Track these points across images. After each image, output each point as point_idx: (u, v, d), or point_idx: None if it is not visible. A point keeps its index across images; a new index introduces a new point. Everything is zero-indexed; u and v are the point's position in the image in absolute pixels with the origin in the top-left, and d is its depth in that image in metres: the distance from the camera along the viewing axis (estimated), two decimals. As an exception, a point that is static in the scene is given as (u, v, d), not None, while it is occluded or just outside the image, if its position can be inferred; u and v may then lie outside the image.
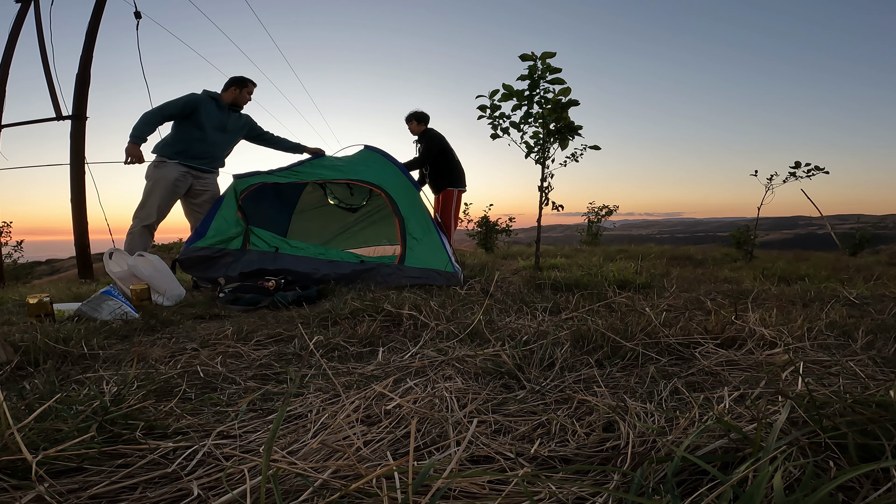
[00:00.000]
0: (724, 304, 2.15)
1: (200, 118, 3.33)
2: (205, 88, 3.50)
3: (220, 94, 3.50)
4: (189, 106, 3.31)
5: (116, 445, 0.84)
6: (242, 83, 3.52)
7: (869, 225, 7.33)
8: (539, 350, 1.36)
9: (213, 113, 3.40)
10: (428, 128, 4.63)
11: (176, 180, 3.33)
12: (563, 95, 3.29)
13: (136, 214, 3.35)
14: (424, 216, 3.22)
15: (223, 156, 3.65)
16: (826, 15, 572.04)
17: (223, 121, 3.48)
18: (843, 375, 1.17)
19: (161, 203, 3.32)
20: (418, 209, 3.23)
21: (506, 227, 8.65)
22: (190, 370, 1.38)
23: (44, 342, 1.52)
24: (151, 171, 3.35)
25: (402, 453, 0.84)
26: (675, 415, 0.94)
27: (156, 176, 3.31)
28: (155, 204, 3.30)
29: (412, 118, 4.66)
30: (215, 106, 3.43)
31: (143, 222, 3.31)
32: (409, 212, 3.18)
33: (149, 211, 3.31)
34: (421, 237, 3.11)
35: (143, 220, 3.31)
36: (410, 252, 3.07)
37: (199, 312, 2.34)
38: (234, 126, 3.59)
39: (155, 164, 3.34)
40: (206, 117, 3.35)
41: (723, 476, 0.63)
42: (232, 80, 3.53)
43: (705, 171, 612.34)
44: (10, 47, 6.45)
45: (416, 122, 4.63)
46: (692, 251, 6.24)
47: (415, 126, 4.65)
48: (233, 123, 3.57)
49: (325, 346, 1.57)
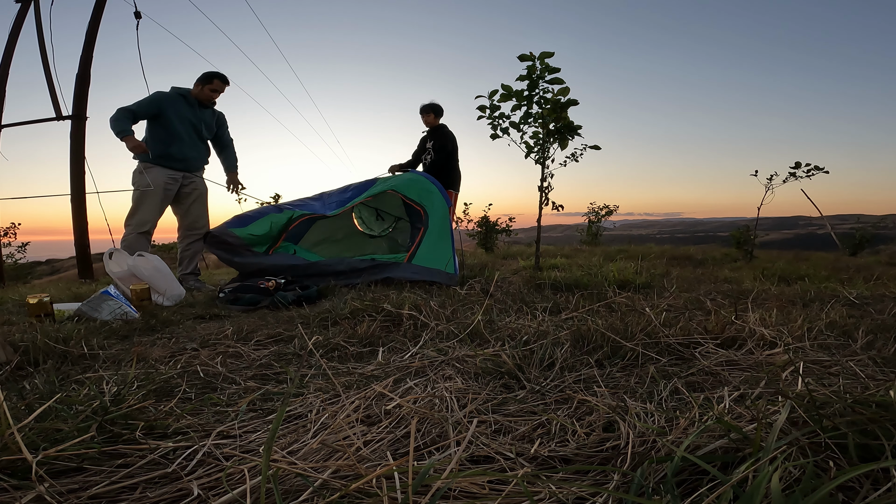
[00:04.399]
0: (724, 304, 2.15)
1: (169, 117, 3.24)
2: (173, 85, 3.39)
3: (189, 91, 3.39)
4: (154, 105, 3.22)
5: (116, 445, 0.84)
6: (207, 79, 3.39)
7: (869, 225, 7.32)
8: (539, 350, 1.36)
9: (183, 111, 3.30)
10: (442, 123, 4.50)
11: (165, 184, 3.29)
12: (563, 95, 3.29)
13: (127, 221, 3.30)
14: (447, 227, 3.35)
15: (205, 154, 3.56)
16: (826, 14, 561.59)
17: (197, 117, 3.37)
18: (843, 375, 1.17)
19: (153, 209, 3.29)
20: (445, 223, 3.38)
21: (506, 227, 8.65)
22: (190, 370, 1.38)
23: (44, 342, 1.52)
24: (138, 176, 3.29)
25: (402, 453, 0.84)
26: (675, 415, 0.94)
27: (143, 182, 3.27)
28: (147, 210, 3.27)
29: (430, 110, 4.47)
30: (185, 103, 3.32)
31: (139, 230, 3.27)
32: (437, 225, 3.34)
33: (141, 218, 3.27)
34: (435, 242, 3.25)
35: (138, 228, 3.27)
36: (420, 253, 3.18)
37: (199, 312, 2.33)
38: (208, 122, 3.47)
39: (140, 171, 3.29)
40: (175, 116, 3.26)
41: (723, 476, 0.63)
42: (200, 76, 3.42)
43: (705, 171, 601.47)
44: (10, 47, 6.44)
45: (434, 115, 4.46)
46: (692, 251, 6.24)
47: (431, 119, 4.47)
48: (207, 119, 3.46)
49: (324, 346, 1.57)
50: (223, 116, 3.63)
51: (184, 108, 3.31)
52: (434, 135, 4.49)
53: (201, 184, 3.54)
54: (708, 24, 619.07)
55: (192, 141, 3.37)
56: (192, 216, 3.49)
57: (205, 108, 3.46)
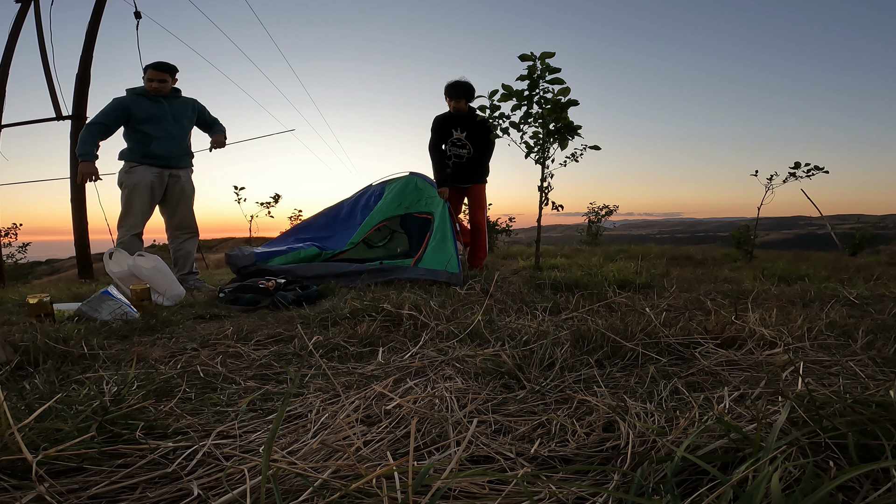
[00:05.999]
0: (724, 304, 2.15)
1: (138, 119, 3.24)
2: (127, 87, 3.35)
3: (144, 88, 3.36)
4: (117, 112, 3.22)
5: (116, 445, 0.84)
6: (145, 70, 3.34)
7: (869, 225, 7.30)
8: (539, 350, 1.36)
9: (147, 108, 3.28)
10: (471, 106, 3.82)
11: (151, 183, 3.30)
12: (563, 95, 3.29)
13: (120, 224, 3.32)
14: (448, 228, 3.41)
15: (187, 146, 3.52)
16: (826, 14, 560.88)
17: (164, 110, 3.35)
18: (843, 375, 1.17)
19: (143, 209, 3.30)
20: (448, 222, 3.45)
21: (506, 227, 8.65)
22: (190, 370, 1.38)
23: (44, 342, 1.52)
24: (124, 176, 3.30)
25: (402, 453, 0.84)
26: (675, 415, 0.94)
27: (130, 182, 3.27)
28: (138, 211, 3.28)
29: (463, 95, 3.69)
30: (146, 100, 3.30)
31: (132, 231, 3.28)
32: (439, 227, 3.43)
33: (133, 219, 3.28)
34: (439, 244, 3.31)
35: (131, 230, 3.28)
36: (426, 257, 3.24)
37: (199, 312, 2.34)
38: (178, 112, 3.42)
39: (126, 170, 3.30)
40: (142, 115, 3.25)
41: (723, 476, 0.63)
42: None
43: (705, 171, 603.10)
44: (10, 47, 6.45)
45: (466, 100, 3.74)
46: (692, 251, 6.23)
47: (463, 105, 3.74)
48: (176, 110, 3.41)
49: (324, 346, 1.57)
50: (196, 102, 3.59)
51: (147, 106, 3.29)
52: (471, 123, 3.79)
53: (188, 184, 3.53)
54: (708, 24, 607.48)
55: (168, 135, 3.35)
56: (180, 217, 3.50)
57: (174, 100, 3.43)
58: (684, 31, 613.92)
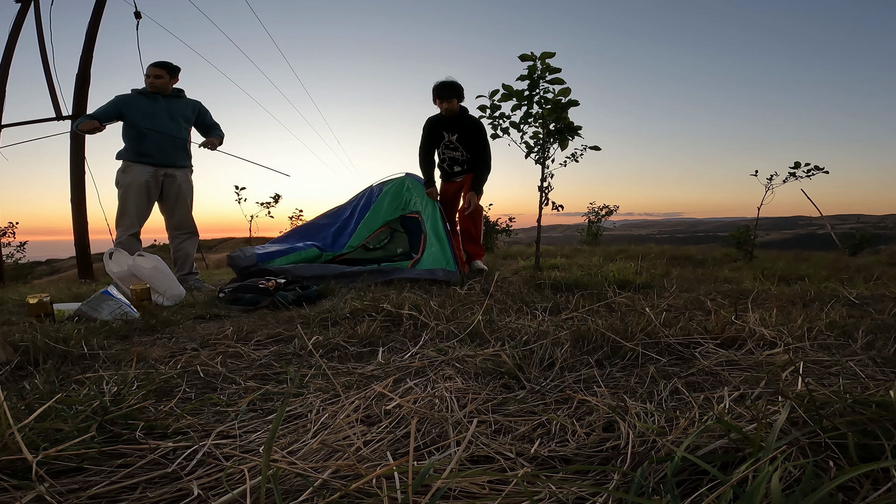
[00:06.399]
0: (724, 304, 2.15)
1: (132, 117, 3.27)
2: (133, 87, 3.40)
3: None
4: (116, 109, 3.25)
5: (116, 445, 0.84)
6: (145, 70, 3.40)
7: (869, 225, 7.30)
8: (539, 350, 1.36)
9: (144, 107, 3.31)
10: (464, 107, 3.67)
11: (147, 182, 3.30)
12: (563, 96, 3.29)
13: (117, 224, 3.33)
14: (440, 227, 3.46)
15: (182, 146, 3.49)
16: (827, 14, 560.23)
17: (163, 108, 3.36)
18: (843, 375, 1.17)
19: (138, 209, 3.30)
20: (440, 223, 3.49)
21: (506, 227, 8.65)
22: (190, 370, 1.38)
23: (44, 342, 1.52)
24: (120, 176, 3.32)
25: (402, 453, 0.84)
26: (675, 415, 0.94)
27: (125, 181, 3.29)
28: (133, 211, 3.29)
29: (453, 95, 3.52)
30: (146, 99, 3.34)
31: (128, 231, 3.29)
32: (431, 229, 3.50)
33: (129, 220, 3.29)
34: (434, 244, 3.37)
35: (128, 230, 3.29)
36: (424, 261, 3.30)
37: (199, 312, 2.33)
38: (175, 111, 3.43)
39: (122, 170, 3.31)
40: (138, 114, 3.27)
41: (723, 476, 0.63)
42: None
43: (705, 171, 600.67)
44: (10, 47, 6.44)
45: (458, 99, 3.57)
46: (692, 251, 6.23)
47: (455, 105, 3.56)
48: (174, 109, 3.42)
49: (324, 346, 1.57)
50: (199, 104, 3.60)
51: (145, 105, 3.32)
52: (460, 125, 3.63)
53: (185, 183, 3.51)
54: (708, 23, 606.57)
55: (164, 132, 3.35)
56: (177, 217, 3.50)
57: (174, 99, 3.44)
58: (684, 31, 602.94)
